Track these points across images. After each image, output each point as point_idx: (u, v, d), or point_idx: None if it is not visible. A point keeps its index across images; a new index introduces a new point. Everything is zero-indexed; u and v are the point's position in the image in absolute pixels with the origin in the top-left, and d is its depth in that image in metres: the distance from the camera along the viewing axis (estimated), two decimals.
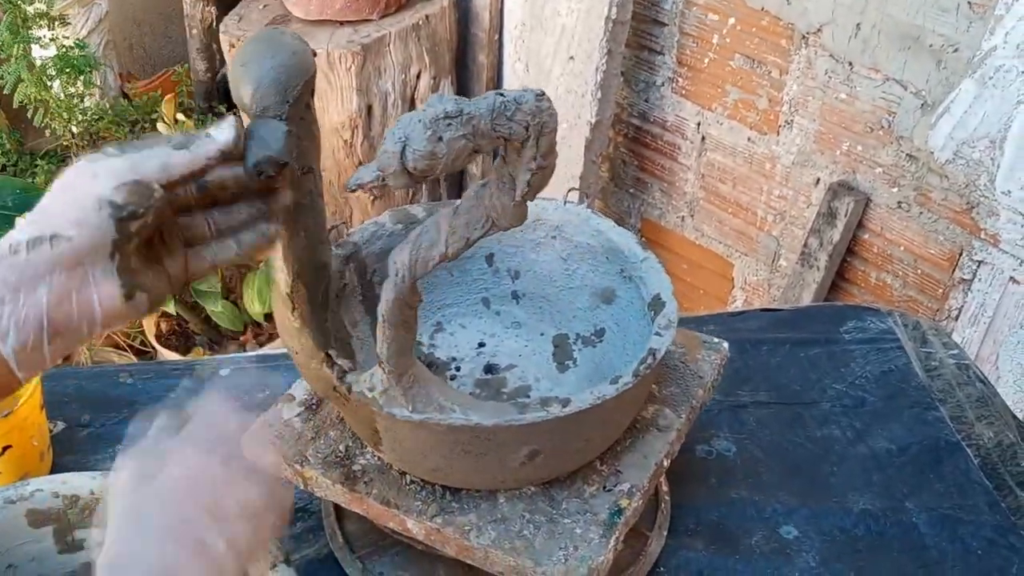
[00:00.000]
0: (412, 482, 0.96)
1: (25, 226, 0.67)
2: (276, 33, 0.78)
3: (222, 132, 0.72)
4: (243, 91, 0.76)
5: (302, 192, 0.80)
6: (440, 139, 0.73)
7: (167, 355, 2.36)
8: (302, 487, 1.00)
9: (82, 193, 0.67)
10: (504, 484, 0.95)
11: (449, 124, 0.74)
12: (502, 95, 0.77)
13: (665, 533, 1.12)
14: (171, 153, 0.70)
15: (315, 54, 0.80)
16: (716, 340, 1.11)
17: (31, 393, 1.10)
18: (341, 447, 1.00)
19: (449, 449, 0.89)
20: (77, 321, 0.67)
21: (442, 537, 0.93)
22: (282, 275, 0.83)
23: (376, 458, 0.99)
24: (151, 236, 0.70)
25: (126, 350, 2.50)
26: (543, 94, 0.78)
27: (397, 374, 0.86)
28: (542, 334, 1.12)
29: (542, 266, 1.12)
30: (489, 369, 1.09)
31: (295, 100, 0.77)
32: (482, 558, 0.92)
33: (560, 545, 0.90)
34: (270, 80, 0.76)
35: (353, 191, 0.77)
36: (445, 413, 0.87)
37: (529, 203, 1.04)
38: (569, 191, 1.11)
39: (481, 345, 1.12)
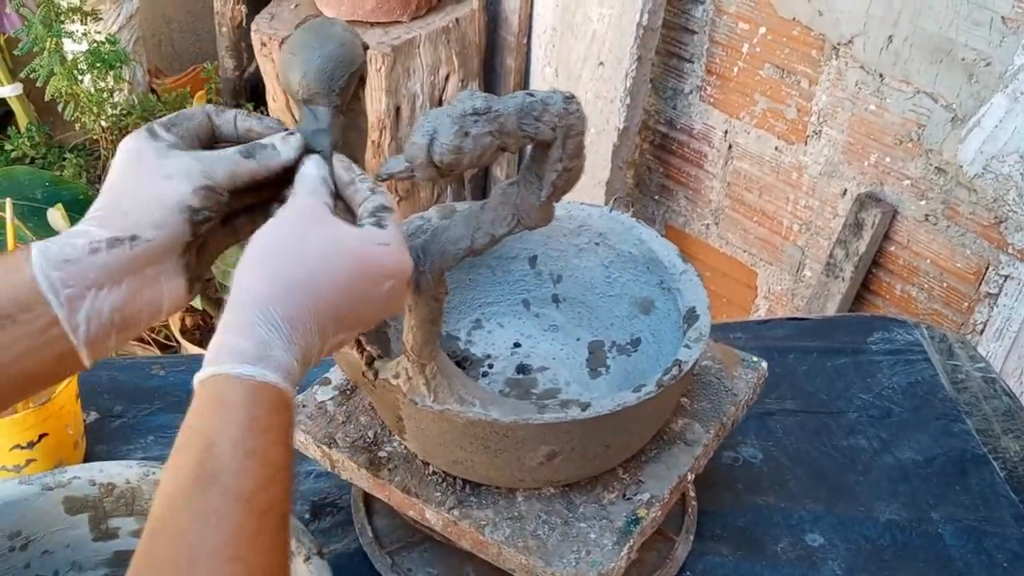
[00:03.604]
0: (434, 473, 0.98)
1: (97, 220, 0.69)
2: (326, 23, 0.80)
3: (288, 148, 0.75)
4: (291, 79, 0.78)
5: None
6: (467, 134, 0.74)
7: (191, 349, 2.38)
8: (329, 468, 1.02)
9: (161, 194, 0.69)
10: (523, 483, 0.96)
11: (476, 120, 0.75)
12: (531, 95, 0.78)
13: (692, 537, 1.12)
14: (239, 162, 0.73)
15: (366, 47, 0.81)
16: (755, 359, 1.11)
17: (67, 383, 1.11)
18: (370, 433, 1.02)
19: (468, 442, 0.90)
20: (146, 314, 0.70)
21: (458, 530, 0.94)
22: None
23: (402, 447, 1.00)
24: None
25: (151, 344, 2.52)
26: (572, 97, 0.79)
27: (421, 364, 0.88)
28: (578, 339, 1.13)
29: (584, 272, 1.13)
30: (522, 369, 1.10)
31: (341, 90, 0.78)
32: (495, 554, 0.93)
33: (573, 548, 0.91)
34: (316, 69, 0.77)
35: (384, 180, 0.78)
36: (465, 406, 0.88)
37: (575, 209, 1.05)
38: (615, 199, 1.11)
39: (517, 345, 1.13)
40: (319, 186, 0.73)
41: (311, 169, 0.74)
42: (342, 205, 0.75)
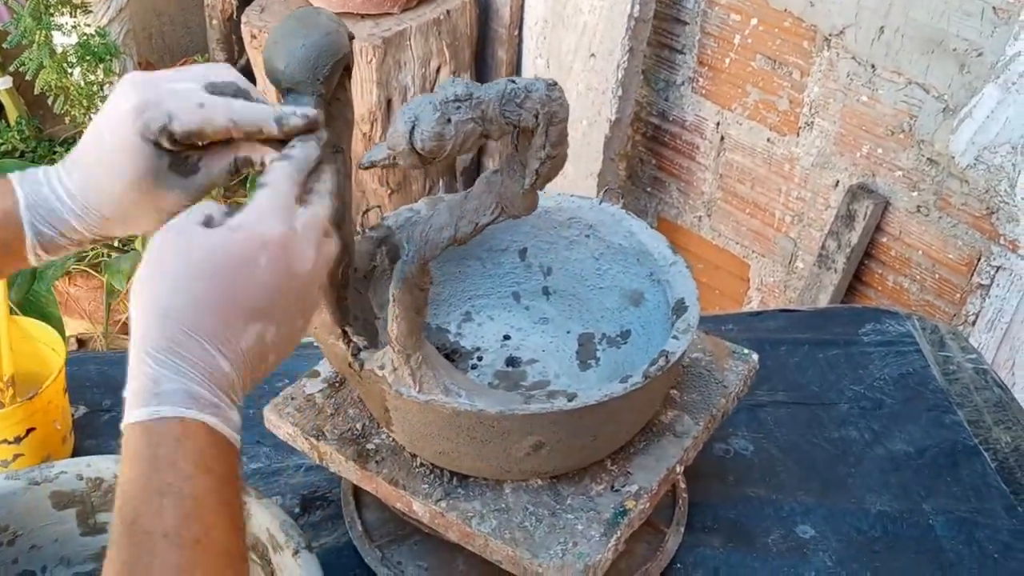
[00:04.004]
0: (422, 465, 0.98)
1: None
2: (311, 12, 0.79)
3: (301, 111, 0.76)
4: (274, 68, 0.78)
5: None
6: (449, 121, 0.74)
7: None
8: (317, 461, 1.02)
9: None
10: (510, 474, 0.96)
11: (458, 107, 0.75)
12: (513, 82, 0.77)
13: (682, 529, 1.12)
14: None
15: (352, 37, 0.80)
16: (746, 351, 1.11)
17: (55, 377, 1.11)
18: (358, 425, 1.02)
19: (455, 433, 0.90)
20: None
21: (445, 521, 0.94)
22: None
23: (390, 439, 1.00)
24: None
25: None
26: (555, 84, 0.78)
27: (406, 354, 0.87)
28: (568, 331, 1.12)
29: (574, 264, 1.12)
30: (511, 362, 1.10)
31: (325, 79, 0.78)
32: (482, 545, 0.93)
33: (559, 540, 0.91)
34: (300, 58, 0.77)
35: (366, 168, 0.78)
36: (451, 397, 0.88)
37: (565, 201, 1.05)
38: (605, 191, 1.11)
39: (507, 338, 1.12)
40: (195, 206, 0.70)
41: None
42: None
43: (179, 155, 0.75)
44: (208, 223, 0.67)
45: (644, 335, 1.06)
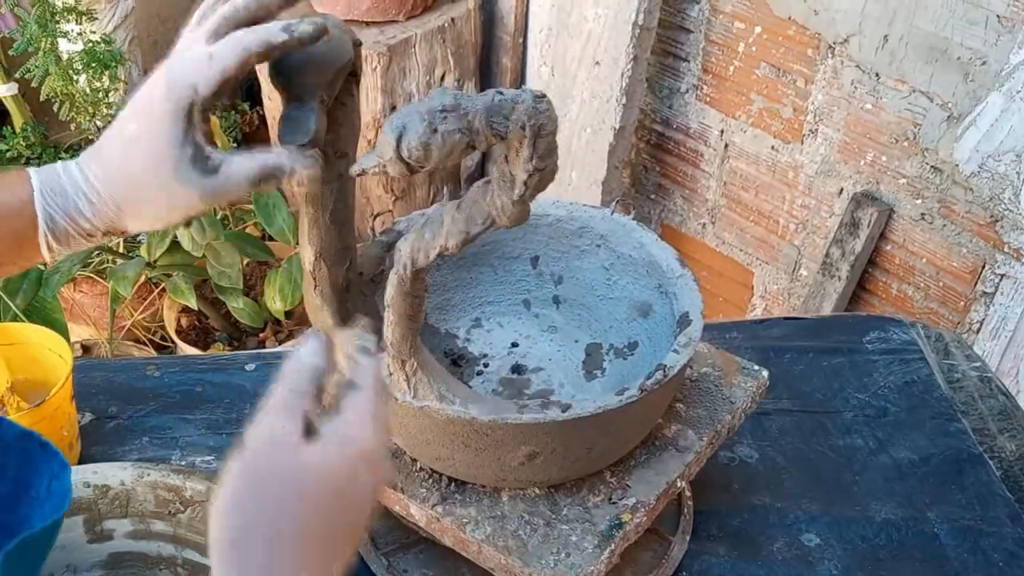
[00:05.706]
0: (421, 469, 0.98)
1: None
2: (318, 20, 0.79)
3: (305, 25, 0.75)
4: (278, 75, 0.79)
5: (332, 175, 0.82)
6: (435, 131, 0.75)
7: (187, 350, 2.37)
8: None
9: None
10: (506, 482, 0.96)
11: (445, 117, 0.75)
12: (501, 93, 0.78)
13: (688, 538, 1.12)
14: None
15: (359, 43, 0.81)
16: (756, 367, 1.11)
17: (62, 384, 1.11)
18: None
19: (449, 440, 0.91)
20: None
21: (440, 526, 0.95)
22: (306, 253, 0.86)
23: (393, 443, 1.00)
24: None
25: (146, 344, 2.51)
26: (543, 96, 0.79)
27: (400, 360, 0.88)
28: (576, 341, 1.12)
29: (585, 274, 1.13)
30: (517, 369, 1.10)
31: (328, 85, 0.78)
32: (476, 552, 0.93)
33: (552, 550, 0.91)
34: (303, 66, 0.77)
35: (358, 175, 0.79)
36: (444, 403, 0.88)
37: (576, 210, 1.05)
38: (616, 201, 1.11)
39: (514, 345, 1.12)
40: (290, 402, 0.64)
41: (283, 385, 0.65)
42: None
43: (201, 150, 0.73)
44: (309, 428, 0.63)
45: (651, 347, 1.06)
